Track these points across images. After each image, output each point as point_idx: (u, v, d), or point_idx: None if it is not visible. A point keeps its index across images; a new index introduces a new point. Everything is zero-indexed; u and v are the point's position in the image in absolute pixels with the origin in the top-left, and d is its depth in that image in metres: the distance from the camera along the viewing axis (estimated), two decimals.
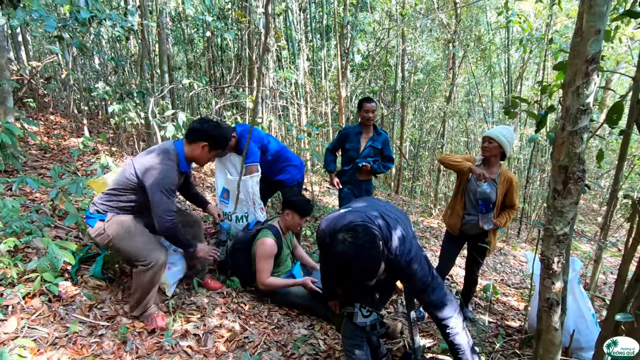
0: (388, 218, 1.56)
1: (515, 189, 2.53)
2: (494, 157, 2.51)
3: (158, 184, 1.88)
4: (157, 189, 1.88)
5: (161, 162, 1.93)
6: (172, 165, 1.96)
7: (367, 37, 9.48)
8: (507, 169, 2.55)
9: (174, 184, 1.97)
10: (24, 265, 1.97)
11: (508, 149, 2.46)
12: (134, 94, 4.55)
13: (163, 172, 1.90)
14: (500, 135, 2.45)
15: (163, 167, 1.91)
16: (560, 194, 1.33)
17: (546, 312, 1.40)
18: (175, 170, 1.98)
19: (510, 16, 5.65)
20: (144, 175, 1.90)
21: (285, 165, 3.12)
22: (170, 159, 1.97)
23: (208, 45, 7.47)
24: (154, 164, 1.92)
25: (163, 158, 1.95)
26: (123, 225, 1.94)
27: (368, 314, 1.78)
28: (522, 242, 7.39)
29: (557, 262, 1.35)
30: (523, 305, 3.65)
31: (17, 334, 1.65)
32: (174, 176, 1.96)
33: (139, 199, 1.96)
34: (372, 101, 3.30)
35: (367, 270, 1.34)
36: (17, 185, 2.49)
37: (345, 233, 1.36)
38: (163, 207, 1.89)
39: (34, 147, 4.02)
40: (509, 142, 2.45)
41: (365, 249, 1.32)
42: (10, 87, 3.51)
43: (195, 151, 2.05)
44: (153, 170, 1.89)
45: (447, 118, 8.92)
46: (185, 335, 2.03)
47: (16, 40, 6.26)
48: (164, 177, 1.89)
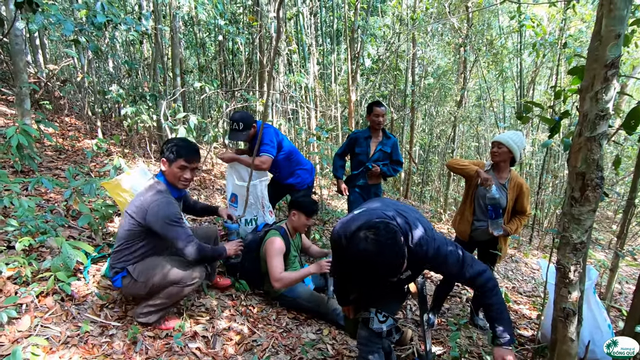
0: (404, 213, 1.55)
1: (526, 194, 2.49)
2: (503, 162, 2.48)
3: (165, 219, 1.82)
4: (166, 224, 1.83)
5: (154, 197, 1.86)
6: (166, 195, 1.89)
7: (377, 42, 9.49)
8: (518, 174, 2.51)
9: (178, 211, 1.90)
10: (38, 264, 2.01)
11: (518, 154, 2.43)
12: (147, 96, 4.62)
13: (162, 206, 1.83)
14: (510, 140, 2.42)
15: (160, 201, 1.84)
16: (577, 201, 1.30)
17: (562, 322, 1.37)
18: (170, 198, 1.91)
19: (523, 20, 5.59)
20: (144, 217, 1.83)
21: (296, 169, 3.11)
22: (161, 191, 1.90)
23: (220, 49, 7.56)
24: (148, 202, 1.85)
25: (153, 194, 1.88)
26: (148, 265, 1.92)
27: (384, 319, 1.74)
28: (534, 249, 7.25)
29: (574, 271, 1.32)
30: (535, 314, 3.57)
31: (30, 332, 1.68)
32: (174, 204, 1.89)
33: (150, 242, 1.93)
34: (382, 105, 3.29)
35: (392, 267, 1.31)
36: (32, 186, 2.54)
37: (367, 231, 1.33)
38: (182, 238, 1.85)
39: (49, 148, 4.10)
40: (519, 147, 2.42)
41: (388, 245, 1.30)
42: (27, 90, 3.59)
43: (164, 170, 1.96)
44: (151, 208, 1.82)
45: (457, 122, 8.85)
46: (194, 337, 2.03)
47: (34, 44, 6.42)
48: (166, 209, 1.83)
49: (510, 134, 2.45)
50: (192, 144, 1.99)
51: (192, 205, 2.45)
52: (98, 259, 2.36)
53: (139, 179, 2.54)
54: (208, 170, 5.72)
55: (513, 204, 2.51)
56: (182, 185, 2.00)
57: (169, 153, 1.92)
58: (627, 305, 4.10)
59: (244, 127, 2.76)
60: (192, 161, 1.96)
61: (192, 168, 1.98)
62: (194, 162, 1.97)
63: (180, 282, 1.90)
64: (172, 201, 1.90)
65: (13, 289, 1.86)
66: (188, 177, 1.98)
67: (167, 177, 1.98)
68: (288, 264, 2.62)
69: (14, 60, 3.67)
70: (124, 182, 2.48)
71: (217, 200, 4.59)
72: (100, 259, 2.37)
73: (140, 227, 1.87)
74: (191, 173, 1.99)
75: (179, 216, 1.88)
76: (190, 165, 1.95)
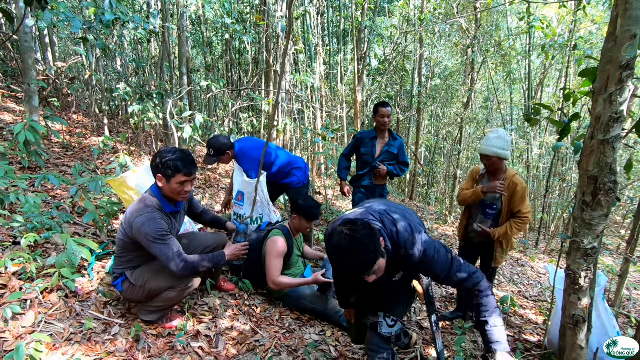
0: (394, 214, 1.54)
1: (521, 195, 2.42)
2: (497, 169, 2.50)
3: (147, 236, 1.76)
4: (150, 241, 1.77)
5: (140, 212, 1.81)
6: (152, 210, 1.81)
7: (384, 42, 9.45)
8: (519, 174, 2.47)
9: (162, 228, 1.80)
10: (43, 261, 2.01)
11: (507, 154, 2.42)
12: (154, 95, 4.64)
13: (145, 222, 1.77)
14: (495, 149, 2.40)
15: (144, 217, 1.78)
16: (589, 205, 1.27)
17: (571, 330, 1.34)
18: (157, 213, 1.82)
19: (532, 21, 5.53)
20: (132, 231, 1.80)
21: (290, 169, 3.17)
22: (149, 205, 1.83)
23: (226, 48, 7.57)
24: (134, 217, 1.80)
25: (140, 208, 1.83)
26: (145, 270, 1.90)
27: (393, 323, 1.71)
28: (541, 253, 7.17)
29: (584, 277, 1.29)
30: (542, 320, 3.52)
31: (34, 328, 1.68)
32: (159, 220, 1.80)
33: (143, 252, 1.88)
34: (388, 106, 3.27)
35: (361, 265, 1.30)
36: (39, 182, 2.55)
37: (344, 226, 1.35)
38: (166, 255, 1.78)
39: (56, 145, 4.13)
40: (505, 148, 2.41)
41: (363, 242, 1.30)
42: (36, 87, 3.62)
43: (161, 186, 1.87)
44: (135, 224, 1.78)
45: (464, 124, 8.78)
46: (197, 336, 2.02)
47: (44, 42, 6.48)
48: (149, 226, 1.76)
49: (492, 142, 2.42)
50: (187, 155, 1.88)
51: (200, 214, 2.36)
52: (103, 256, 2.36)
53: (144, 177, 2.54)
54: (213, 169, 5.73)
55: (509, 204, 2.47)
56: (182, 199, 1.91)
57: (166, 169, 1.81)
58: (635, 312, 4.03)
59: (214, 153, 2.88)
60: (191, 173, 1.86)
61: (192, 180, 1.90)
62: (193, 174, 1.89)
63: (177, 287, 1.89)
64: (158, 217, 1.81)
65: (18, 284, 1.86)
66: (189, 189, 1.90)
67: (164, 192, 1.89)
68: (291, 264, 2.60)
69: (23, 58, 3.70)
70: (129, 179, 2.49)
71: (222, 199, 4.59)
72: (104, 256, 2.37)
73: (129, 239, 1.83)
74: (191, 184, 1.91)
75: (163, 233, 1.78)
76: (190, 177, 1.86)
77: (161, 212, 1.87)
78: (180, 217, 2.10)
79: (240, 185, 3.00)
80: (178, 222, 2.08)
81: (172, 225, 1.95)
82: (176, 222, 2.04)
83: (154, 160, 1.85)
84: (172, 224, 1.97)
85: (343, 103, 7.86)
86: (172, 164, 1.80)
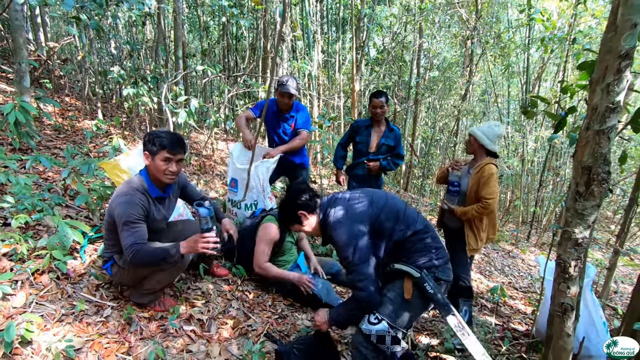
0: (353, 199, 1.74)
1: (486, 180, 2.37)
2: (474, 152, 2.56)
3: (118, 217, 1.74)
4: (121, 224, 1.73)
5: (121, 193, 1.79)
6: (134, 193, 1.79)
7: (383, 32, 9.34)
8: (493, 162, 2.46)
9: (134, 212, 1.76)
10: (34, 242, 2.00)
11: (486, 141, 2.46)
12: (148, 79, 4.56)
13: (122, 204, 1.75)
14: (477, 131, 2.51)
15: (123, 198, 1.77)
16: (582, 195, 1.28)
17: (559, 317, 1.36)
18: (138, 197, 1.79)
19: (533, 14, 5.49)
20: (113, 214, 1.78)
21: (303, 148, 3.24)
22: (132, 187, 1.81)
23: (223, 33, 7.45)
24: (115, 199, 1.79)
25: (123, 189, 1.81)
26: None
27: (376, 321, 1.61)
28: (532, 246, 7.27)
29: (574, 267, 1.30)
30: (530, 310, 3.59)
31: (25, 309, 1.67)
32: (136, 204, 1.77)
33: None
34: (381, 96, 3.21)
35: (283, 214, 1.86)
36: (30, 164, 2.51)
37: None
38: (125, 243, 1.72)
39: (48, 128, 4.07)
40: (487, 135, 2.47)
41: (285, 199, 1.85)
42: (27, 67, 3.54)
43: (148, 164, 1.87)
44: (115, 207, 1.76)
45: (461, 116, 8.78)
46: (190, 319, 2.03)
47: (35, 22, 6.32)
48: (122, 208, 1.74)
49: (481, 126, 2.55)
50: (176, 135, 1.87)
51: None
52: (95, 239, 2.35)
53: (137, 160, 2.51)
54: (208, 155, 5.69)
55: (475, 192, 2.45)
56: (167, 180, 1.86)
57: (151, 145, 1.80)
58: (622, 304, 4.12)
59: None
60: (176, 152, 1.83)
61: (177, 160, 1.86)
62: (179, 154, 1.85)
63: (163, 269, 1.85)
64: (137, 201, 1.78)
65: (8, 265, 1.85)
66: (173, 169, 1.85)
67: (150, 172, 1.87)
68: (284, 251, 2.61)
69: (13, 37, 3.61)
70: (122, 162, 2.46)
71: (216, 185, 4.57)
72: (97, 239, 2.36)
73: (113, 220, 1.80)
74: (177, 165, 1.85)
75: (133, 219, 1.74)
76: (174, 156, 1.83)
77: (145, 195, 1.84)
78: (168, 203, 2.06)
79: (233, 172, 2.98)
80: (166, 209, 2.04)
81: (156, 211, 1.92)
82: (163, 208, 2.00)
83: (144, 138, 1.86)
84: (157, 209, 1.94)
85: (340, 92, 7.80)
86: (157, 140, 1.81)
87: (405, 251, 1.69)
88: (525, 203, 8.93)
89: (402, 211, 1.73)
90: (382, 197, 1.77)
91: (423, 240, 1.69)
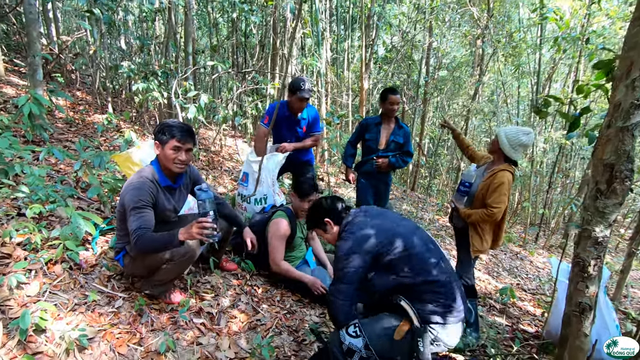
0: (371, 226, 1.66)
1: (496, 187, 2.29)
2: (494, 153, 2.46)
3: (127, 203, 1.77)
4: (129, 210, 1.76)
5: (132, 180, 1.83)
6: (144, 181, 1.83)
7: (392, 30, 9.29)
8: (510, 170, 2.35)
9: (142, 198, 1.79)
10: (48, 232, 2.01)
11: (505, 147, 2.33)
12: (158, 74, 4.58)
13: (131, 190, 1.78)
14: (501, 132, 2.37)
15: (132, 185, 1.80)
16: (603, 193, 1.25)
17: (576, 317, 1.34)
18: (147, 184, 1.83)
19: (546, 13, 5.41)
20: (123, 202, 1.81)
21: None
22: (142, 175, 1.85)
23: (233, 29, 7.46)
24: (125, 188, 1.82)
25: (134, 177, 1.85)
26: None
27: (354, 335, 1.51)
28: (540, 248, 7.20)
29: (594, 266, 1.28)
30: (540, 312, 3.55)
31: (39, 297, 1.69)
32: (144, 190, 1.80)
33: None
34: (397, 93, 3.20)
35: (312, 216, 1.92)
36: (43, 155, 2.53)
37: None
38: (130, 227, 1.73)
39: (60, 121, 4.10)
40: (509, 140, 2.33)
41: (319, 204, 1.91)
42: (40, 60, 3.57)
43: (158, 154, 1.91)
44: (125, 194, 1.79)
45: (471, 115, 8.70)
46: (199, 312, 2.04)
47: (47, 17, 6.38)
48: (131, 194, 1.77)
49: (510, 128, 2.39)
50: (185, 125, 1.89)
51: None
52: (106, 231, 2.36)
53: (149, 152, 2.52)
54: (216, 151, 5.71)
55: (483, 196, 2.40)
56: (177, 169, 1.89)
57: (161, 134, 1.85)
58: (633, 309, 4.06)
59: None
60: (185, 141, 1.86)
61: (186, 149, 1.88)
62: (188, 143, 1.88)
63: (172, 259, 1.85)
64: (146, 187, 1.81)
65: (22, 254, 1.86)
66: (183, 158, 1.87)
67: (160, 161, 1.91)
68: (294, 246, 2.60)
69: (27, 30, 3.64)
70: (134, 155, 2.47)
71: (225, 181, 4.58)
72: (108, 231, 2.37)
73: (123, 209, 1.82)
74: (186, 154, 1.88)
75: (140, 204, 1.77)
76: (184, 145, 1.86)
77: (154, 183, 1.87)
78: (179, 194, 2.07)
79: (246, 166, 2.98)
80: (176, 200, 2.04)
81: (165, 200, 1.94)
82: (172, 199, 2.00)
83: (155, 128, 1.91)
84: (167, 198, 1.95)
85: (349, 90, 7.77)
86: (167, 130, 1.85)
87: (413, 293, 1.57)
88: (534, 205, 8.84)
89: (417, 255, 1.58)
90: (402, 234, 1.63)
91: (434, 292, 1.54)
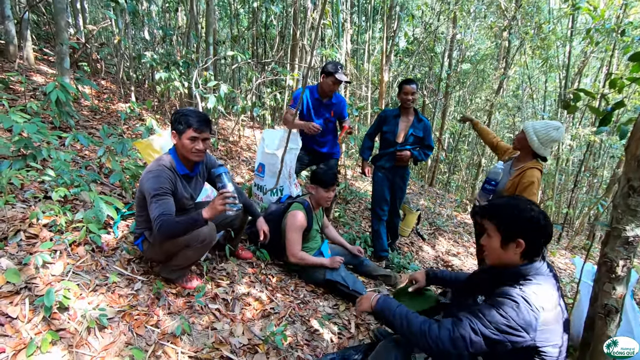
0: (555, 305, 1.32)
1: (526, 187, 2.19)
2: (521, 149, 2.35)
3: (147, 190, 1.79)
4: (150, 198, 1.78)
5: (150, 169, 1.85)
6: (162, 169, 1.85)
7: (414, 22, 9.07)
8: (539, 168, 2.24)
9: (162, 186, 1.81)
10: (72, 215, 2.08)
11: (535, 144, 2.23)
12: (180, 64, 4.63)
13: (151, 179, 1.80)
14: (530, 127, 2.26)
15: (151, 173, 1.82)
16: (636, 190, 1.18)
17: (601, 320, 1.28)
18: (165, 172, 1.85)
19: (578, 3, 5.15)
20: (143, 189, 1.84)
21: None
22: (160, 164, 1.87)
23: (253, 19, 7.46)
24: (145, 175, 1.84)
25: (152, 165, 1.87)
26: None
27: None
28: (562, 248, 6.96)
29: (622, 266, 1.22)
30: None
31: (63, 277, 1.75)
32: (163, 178, 1.83)
33: None
34: (412, 83, 3.13)
35: (512, 221, 1.35)
36: (69, 141, 2.62)
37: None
38: (153, 215, 1.75)
39: (85, 108, 4.23)
40: (539, 136, 2.23)
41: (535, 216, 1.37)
42: (68, 49, 3.68)
43: (175, 143, 1.91)
44: (145, 181, 1.82)
45: (494, 110, 8.44)
46: (215, 298, 2.07)
47: (75, 8, 6.56)
48: (151, 182, 1.79)
49: (538, 123, 2.27)
50: (202, 113, 1.88)
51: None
52: (127, 216, 2.43)
53: (169, 140, 2.56)
54: (235, 141, 5.76)
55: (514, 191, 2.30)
56: (195, 157, 1.90)
57: (178, 124, 1.84)
58: None
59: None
60: (202, 131, 1.85)
61: (203, 138, 1.88)
62: (205, 132, 1.88)
63: (190, 244, 1.87)
64: (164, 175, 1.83)
65: (48, 235, 1.94)
66: (200, 147, 1.88)
67: (178, 150, 1.92)
68: (310, 238, 2.61)
69: (56, 19, 3.75)
70: (155, 142, 2.52)
71: (242, 171, 4.63)
72: (129, 216, 2.44)
73: (143, 196, 1.86)
74: (203, 144, 1.89)
75: (160, 192, 1.79)
76: (200, 135, 1.86)
77: (172, 172, 1.89)
78: (195, 182, 2.09)
79: (262, 157, 2.99)
80: (192, 188, 2.07)
81: (183, 188, 1.96)
82: (189, 187, 2.03)
83: (172, 117, 1.90)
84: (184, 186, 1.98)
85: (369, 82, 7.67)
86: (184, 119, 1.84)
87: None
88: (557, 204, 8.54)
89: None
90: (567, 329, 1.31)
91: None
